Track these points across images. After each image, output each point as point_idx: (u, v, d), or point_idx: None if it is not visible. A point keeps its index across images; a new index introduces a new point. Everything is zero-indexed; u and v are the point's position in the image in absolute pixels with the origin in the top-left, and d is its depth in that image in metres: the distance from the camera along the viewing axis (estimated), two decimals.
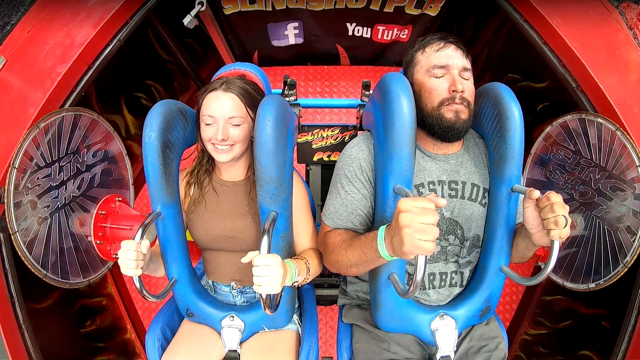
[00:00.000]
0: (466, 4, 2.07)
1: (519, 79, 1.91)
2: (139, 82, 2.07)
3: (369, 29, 2.28)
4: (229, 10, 2.10)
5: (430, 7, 2.07)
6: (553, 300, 1.72)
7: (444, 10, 2.10)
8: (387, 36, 2.30)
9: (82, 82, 1.45)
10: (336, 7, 2.10)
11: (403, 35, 2.30)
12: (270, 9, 2.12)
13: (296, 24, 2.25)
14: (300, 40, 2.37)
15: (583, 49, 1.38)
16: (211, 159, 1.20)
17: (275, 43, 2.38)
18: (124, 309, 1.91)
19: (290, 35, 2.33)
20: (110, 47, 1.52)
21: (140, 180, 1.93)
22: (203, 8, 1.60)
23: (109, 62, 1.55)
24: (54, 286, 1.29)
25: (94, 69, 1.48)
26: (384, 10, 2.12)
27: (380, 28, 2.26)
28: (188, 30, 2.07)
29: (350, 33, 2.31)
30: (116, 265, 1.77)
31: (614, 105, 1.29)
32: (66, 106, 1.39)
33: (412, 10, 2.11)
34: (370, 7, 2.09)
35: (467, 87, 1.01)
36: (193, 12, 1.58)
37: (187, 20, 1.59)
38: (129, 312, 1.92)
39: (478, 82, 1.08)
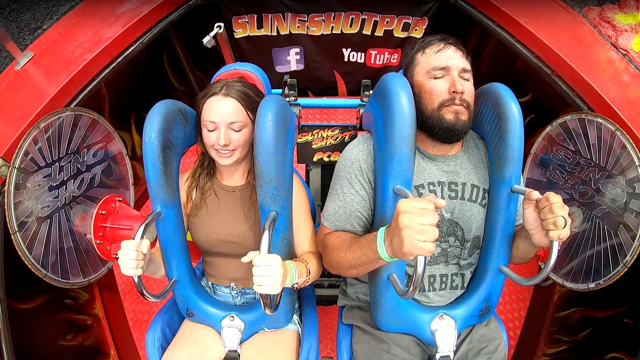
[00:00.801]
0: (447, 25, 2.18)
1: None
2: (149, 104, 2.09)
3: (363, 54, 2.45)
4: (239, 34, 2.27)
5: (415, 29, 2.25)
6: (566, 315, 1.69)
7: (427, 31, 2.26)
8: (379, 60, 2.47)
9: (104, 73, 1.54)
10: (333, 32, 2.28)
11: (393, 59, 2.47)
12: (275, 34, 2.29)
13: (297, 50, 2.42)
14: (301, 67, 2.52)
15: (567, 53, 1.47)
16: (212, 162, 1.20)
17: (279, 69, 2.52)
18: (109, 334, 1.84)
19: (292, 60, 2.48)
20: (133, 47, 1.63)
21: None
22: (221, 31, 1.78)
23: (126, 76, 1.65)
24: (40, 289, 1.28)
25: (116, 63, 1.57)
26: (375, 34, 2.30)
27: (373, 52, 2.43)
28: (200, 64, 2.27)
29: (346, 59, 2.49)
30: (104, 287, 1.80)
31: (610, 103, 1.33)
32: (85, 92, 1.46)
33: (399, 34, 2.29)
34: (363, 32, 2.28)
35: (467, 88, 1.01)
36: (212, 34, 1.77)
37: (206, 40, 1.80)
38: (114, 338, 1.85)
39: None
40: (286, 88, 1.53)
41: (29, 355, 1.34)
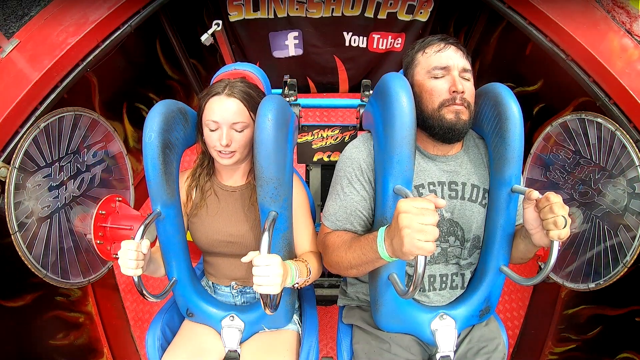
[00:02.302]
0: (453, 9, 2.12)
1: (512, 87, 1.93)
2: (142, 93, 2.08)
3: (365, 38, 2.34)
4: (234, 17, 2.17)
5: (421, 12, 2.16)
6: (575, 312, 1.64)
7: (434, 15, 2.17)
8: (382, 45, 2.36)
9: (90, 58, 1.46)
10: (333, 14, 2.17)
11: (397, 44, 2.36)
12: (273, 17, 2.18)
13: (296, 34, 2.31)
14: (300, 52, 2.41)
15: (582, 37, 1.38)
16: (212, 162, 1.20)
17: (276, 54, 2.42)
18: (103, 332, 1.79)
19: (291, 45, 2.37)
20: (121, 30, 1.55)
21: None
22: (219, 28, 1.74)
23: (117, 64, 1.57)
24: (30, 287, 1.26)
25: (103, 47, 1.49)
26: (378, 17, 2.19)
27: (376, 36, 2.32)
28: (195, 51, 2.14)
29: (347, 43, 2.38)
30: (98, 284, 1.76)
31: (630, 90, 1.25)
32: (69, 78, 1.40)
33: (404, 17, 2.19)
34: (365, 15, 2.17)
35: (468, 87, 1.01)
36: (210, 31, 1.73)
37: (204, 38, 1.76)
38: (108, 336, 1.80)
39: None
40: (286, 88, 1.53)
41: (15, 356, 1.32)
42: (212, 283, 1.29)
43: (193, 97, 2.43)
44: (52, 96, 1.34)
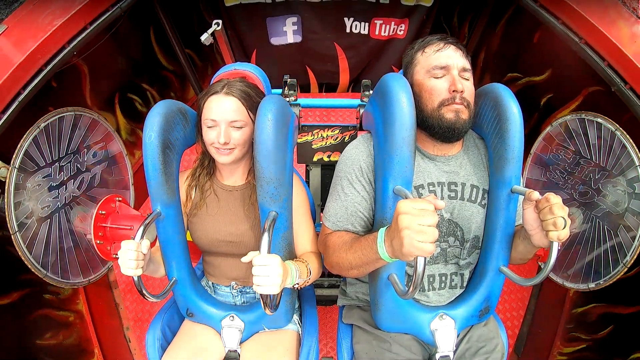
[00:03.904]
0: None
1: (519, 77, 1.88)
2: (135, 83, 2.03)
3: (367, 24, 2.25)
4: (230, 1, 2.08)
5: None
6: (585, 310, 1.60)
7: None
8: (384, 32, 2.27)
9: (77, 40, 1.39)
10: None
11: (400, 31, 2.27)
12: (270, 1, 2.09)
13: (295, 19, 2.23)
14: (299, 39, 2.33)
15: (596, 19, 1.33)
16: (212, 161, 1.20)
17: (274, 41, 2.34)
18: (94, 331, 1.73)
19: (289, 32, 2.29)
20: (110, 12, 1.48)
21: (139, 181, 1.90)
22: (219, 27, 1.70)
23: (108, 52, 1.48)
24: (16, 284, 1.24)
25: (90, 30, 1.43)
26: (380, 1, 2.10)
27: (378, 22, 2.23)
28: (190, 41, 2.04)
29: (348, 30, 2.29)
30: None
31: None
32: (55, 61, 1.33)
33: (407, 1, 2.10)
34: None
35: (467, 87, 1.01)
36: (210, 31, 1.69)
37: (204, 37, 1.71)
38: (99, 336, 1.74)
39: (477, 87, 1.08)
40: (286, 88, 1.53)
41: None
42: (212, 283, 1.29)
43: (188, 88, 2.35)
44: (37, 80, 1.28)
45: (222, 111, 1.05)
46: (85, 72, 1.57)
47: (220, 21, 1.70)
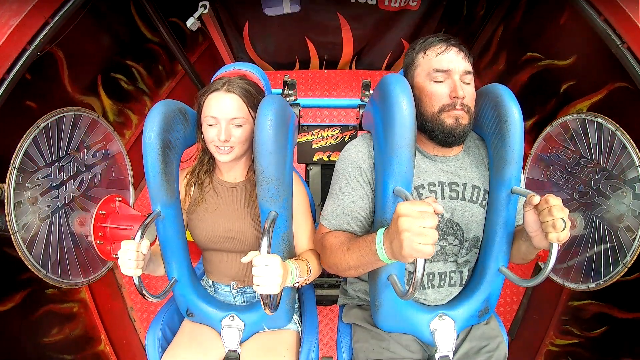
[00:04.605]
0: None
1: (539, 58, 1.74)
2: (118, 62, 1.88)
3: None
4: None
5: None
6: (581, 306, 1.58)
7: None
8: (395, 3, 2.03)
9: (40, 37, 1.22)
10: None
11: (413, 2, 2.02)
12: None
13: None
14: (297, 8, 2.09)
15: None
16: (212, 159, 1.20)
17: (268, 11, 2.11)
18: (99, 318, 1.72)
19: (285, 1, 2.06)
20: (72, 1, 1.28)
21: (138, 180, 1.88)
22: (206, 10, 1.55)
23: (85, 32, 1.33)
24: (17, 285, 1.23)
25: (53, 23, 1.24)
26: None
27: None
28: (174, 9, 1.86)
29: None
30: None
31: None
32: (19, 65, 1.18)
33: None
34: None
35: (468, 92, 1.00)
36: (196, 15, 1.54)
37: (190, 23, 1.55)
38: (103, 321, 1.73)
39: (492, 65, 1.00)
40: (286, 88, 1.53)
41: None
42: (212, 282, 1.29)
43: (176, 60, 2.14)
44: (2, 88, 1.15)
45: (222, 108, 1.05)
46: (62, 58, 1.45)
47: (207, 3, 1.49)
